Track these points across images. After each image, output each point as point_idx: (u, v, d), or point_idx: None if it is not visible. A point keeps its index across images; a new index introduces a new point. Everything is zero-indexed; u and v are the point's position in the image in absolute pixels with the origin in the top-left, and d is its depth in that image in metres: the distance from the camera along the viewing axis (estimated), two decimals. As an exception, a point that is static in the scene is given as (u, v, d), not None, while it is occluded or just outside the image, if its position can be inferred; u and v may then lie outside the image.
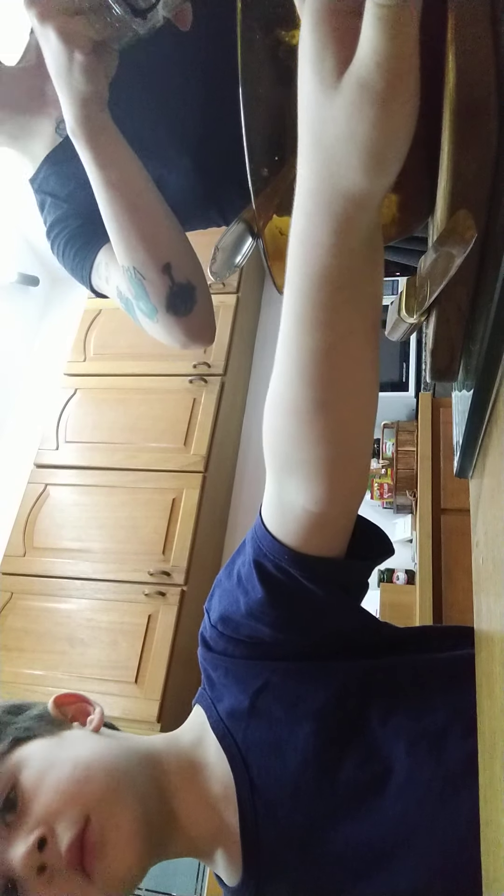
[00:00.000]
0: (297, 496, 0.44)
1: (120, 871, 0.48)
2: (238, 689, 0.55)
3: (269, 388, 0.40)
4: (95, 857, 0.46)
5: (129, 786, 0.51)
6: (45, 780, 0.49)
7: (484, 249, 0.36)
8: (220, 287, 2.36)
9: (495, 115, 0.33)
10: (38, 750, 0.52)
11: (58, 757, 0.52)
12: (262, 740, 0.53)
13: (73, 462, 2.18)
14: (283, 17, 0.38)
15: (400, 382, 2.08)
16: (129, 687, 1.75)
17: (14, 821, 0.47)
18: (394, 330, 0.46)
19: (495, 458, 0.39)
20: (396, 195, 0.43)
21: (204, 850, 0.55)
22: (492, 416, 0.39)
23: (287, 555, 0.48)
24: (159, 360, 2.30)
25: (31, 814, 0.47)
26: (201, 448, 2.10)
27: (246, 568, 0.51)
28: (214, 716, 0.56)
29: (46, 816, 0.47)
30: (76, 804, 0.48)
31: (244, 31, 0.37)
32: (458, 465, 0.50)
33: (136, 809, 0.50)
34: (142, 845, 0.49)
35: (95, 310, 2.47)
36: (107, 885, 0.47)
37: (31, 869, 0.45)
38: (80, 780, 0.49)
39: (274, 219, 0.40)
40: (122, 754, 0.54)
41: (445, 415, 1.89)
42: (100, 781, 0.50)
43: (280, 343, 0.38)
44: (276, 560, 0.48)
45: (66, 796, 0.48)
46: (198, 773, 0.55)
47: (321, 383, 0.38)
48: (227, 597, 0.54)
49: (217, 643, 0.56)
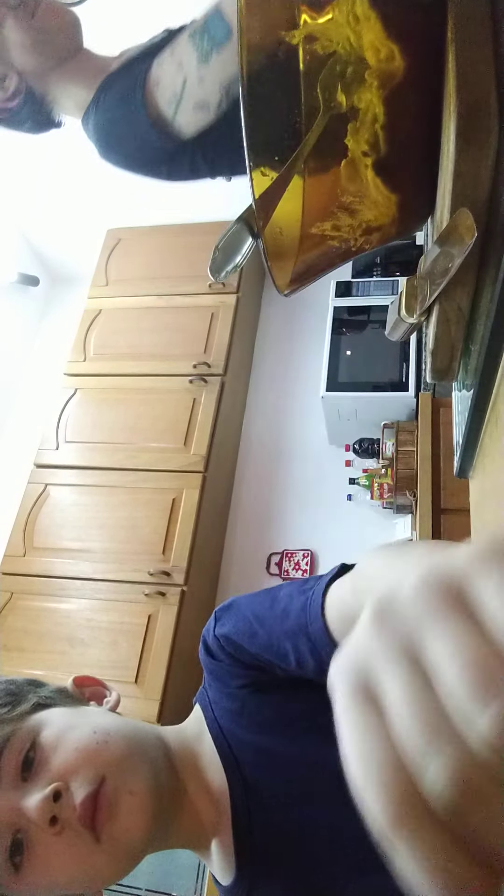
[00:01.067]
0: None
1: (128, 837, 0.48)
2: (231, 691, 0.57)
3: None
4: (108, 818, 0.47)
5: (144, 757, 0.52)
6: (65, 739, 0.50)
7: (484, 249, 0.36)
8: (220, 287, 2.37)
9: (495, 115, 0.33)
10: (59, 714, 0.54)
11: (78, 722, 0.53)
12: (253, 742, 0.54)
13: (73, 462, 2.18)
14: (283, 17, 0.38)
15: (400, 382, 2.08)
16: (130, 687, 1.75)
17: (30, 776, 0.48)
18: (394, 330, 0.46)
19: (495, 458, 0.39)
20: (396, 195, 0.43)
21: (202, 842, 0.56)
22: (492, 416, 0.39)
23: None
24: (159, 360, 2.30)
25: (48, 769, 0.48)
26: (201, 448, 2.09)
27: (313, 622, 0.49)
28: (210, 716, 0.57)
29: (63, 773, 0.48)
30: (93, 764, 0.49)
31: (244, 32, 0.37)
32: (458, 465, 0.50)
33: (150, 779, 0.50)
34: (152, 816, 0.50)
35: (95, 310, 2.47)
36: (113, 848, 0.48)
37: (44, 817, 0.45)
38: (100, 743, 0.50)
39: (274, 218, 0.40)
40: (139, 729, 0.56)
41: (445, 415, 1.89)
42: (118, 746, 0.51)
43: None
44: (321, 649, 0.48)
45: (85, 755, 0.49)
46: (199, 763, 0.56)
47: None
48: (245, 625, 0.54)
49: (217, 653, 0.57)
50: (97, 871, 0.48)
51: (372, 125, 0.39)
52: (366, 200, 0.42)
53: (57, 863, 0.47)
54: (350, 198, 0.42)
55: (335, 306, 2.26)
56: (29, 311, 2.93)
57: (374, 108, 0.38)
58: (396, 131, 0.40)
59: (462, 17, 0.34)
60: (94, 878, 0.49)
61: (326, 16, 0.37)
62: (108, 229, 2.68)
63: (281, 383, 2.60)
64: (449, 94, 0.35)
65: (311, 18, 0.37)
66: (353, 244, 0.45)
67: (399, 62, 0.38)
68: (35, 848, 0.47)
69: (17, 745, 0.49)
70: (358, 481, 2.17)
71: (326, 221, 0.43)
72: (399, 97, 0.39)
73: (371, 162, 0.40)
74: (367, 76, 0.38)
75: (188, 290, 2.42)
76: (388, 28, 0.37)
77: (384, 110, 0.38)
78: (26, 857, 0.47)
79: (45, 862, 0.46)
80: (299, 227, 0.43)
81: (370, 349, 2.16)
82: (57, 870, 0.47)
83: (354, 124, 0.39)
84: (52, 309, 3.01)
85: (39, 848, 0.46)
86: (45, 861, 0.46)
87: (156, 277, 2.50)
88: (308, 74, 0.38)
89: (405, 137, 0.41)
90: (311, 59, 0.38)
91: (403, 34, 0.38)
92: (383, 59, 0.37)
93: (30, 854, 0.47)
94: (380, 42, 0.37)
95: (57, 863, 0.47)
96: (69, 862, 0.47)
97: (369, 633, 0.19)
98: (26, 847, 0.47)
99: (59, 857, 0.46)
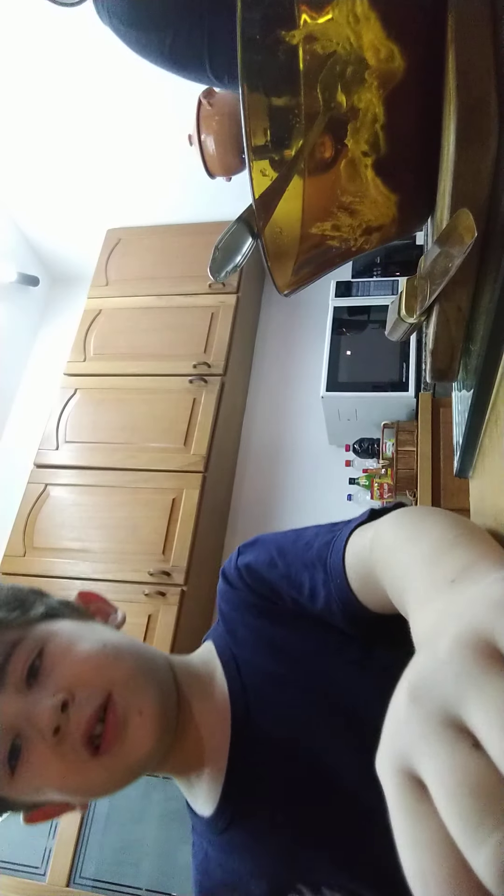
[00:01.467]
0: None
1: (130, 757, 0.48)
2: (245, 619, 0.58)
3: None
4: (115, 736, 0.46)
5: (153, 677, 0.51)
6: (73, 651, 0.49)
7: (484, 249, 0.36)
8: (220, 287, 2.36)
9: (495, 115, 0.33)
10: (68, 626, 0.52)
11: (87, 635, 0.52)
12: (263, 667, 0.55)
13: (73, 462, 2.18)
14: (283, 16, 0.38)
15: (400, 382, 2.08)
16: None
17: (35, 683, 0.47)
18: (394, 330, 0.46)
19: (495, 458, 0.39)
20: (396, 195, 0.43)
21: (193, 769, 0.55)
22: (492, 416, 0.39)
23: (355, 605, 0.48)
24: (159, 360, 2.30)
25: (55, 680, 0.47)
26: (201, 448, 2.09)
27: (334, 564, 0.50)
28: (222, 644, 0.58)
29: (70, 683, 0.47)
30: (102, 678, 0.48)
31: (244, 31, 0.37)
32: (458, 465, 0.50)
33: (158, 701, 0.50)
34: (158, 738, 0.49)
35: (95, 310, 2.47)
36: (112, 765, 0.47)
37: (50, 726, 0.45)
38: (110, 657, 0.50)
39: (274, 218, 0.40)
40: (148, 650, 0.55)
41: (445, 415, 1.89)
42: (128, 663, 0.50)
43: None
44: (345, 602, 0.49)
45: (94, 668, 0.48)
46: (205, 689, 0.56)
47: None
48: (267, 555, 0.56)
49: (235, 581, 0.58)
50: (90, 783, 0.47)
51: (372, 125, 0.39)
52: (366, 200, 0.42)
53: (50, 771, 0.46)
54: (350, 198, 0.42)
55: (335, 306, 2.26)
56: (29, 311, 2.93)
57: (374, 108, 0.38)
58: (396, 131, 0.40)
59: (462, 17, 0.34)
60: (86, 790, 0.48)
61: (326, 16, 0.37)
62: (108, 229, 2.68)
63: (281, 383, 2.60)
64: (449, 94, 0.35)
65: (311, 18, 0.37)
66: (353, 244, 0.45)
67: (399, 62, 0.38)
68: (31, 754, 0.46)
69: (25, 651, 0.48)
70: (358, 481, 2.17)
71: (326, 221, 0.43)
72: (399, 97, 0.39)
73: (371, 162, 0.40)
74: (367, 76, 0.38)
75: (188, 290, 2.42)
76: (388, 28, 0.37)
77: (384, 110, 0.38)
78: (22, 761, 0.46)
79: (39, 769, 0.46)
80: (299, 227, 0.43)
81: (370, 349, 2.16)
82: (49, 778, 0.46)
83: (354, 124, 0.39)
84: (52, 309, 3.00)
85: (35, 755, 0.46)
86: (39, 768, 0.46)
87: (156, 277, 2.50)
88: (308, 74, 0.38)
89: (405, 137, 0.41)
90: (311, 59, 0.38)
91: (403, 34, 0.38)
92: (383, 59, 0.37)
93: (26, 759, 0.46)
94: (380, 42, 0.37)
95: (50, 771, 0.46)
96: (63, 772, 0.46)
97: (407, 717, 0.18)
98: (23, 753, 0.46)
99: (53, 766, 0.46)
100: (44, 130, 2.36)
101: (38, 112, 2.29)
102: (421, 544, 0.34)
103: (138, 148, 2.38)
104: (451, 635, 0.18)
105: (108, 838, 1.67)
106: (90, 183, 2.54)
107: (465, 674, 0.16)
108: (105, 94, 2.19)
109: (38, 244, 2.89)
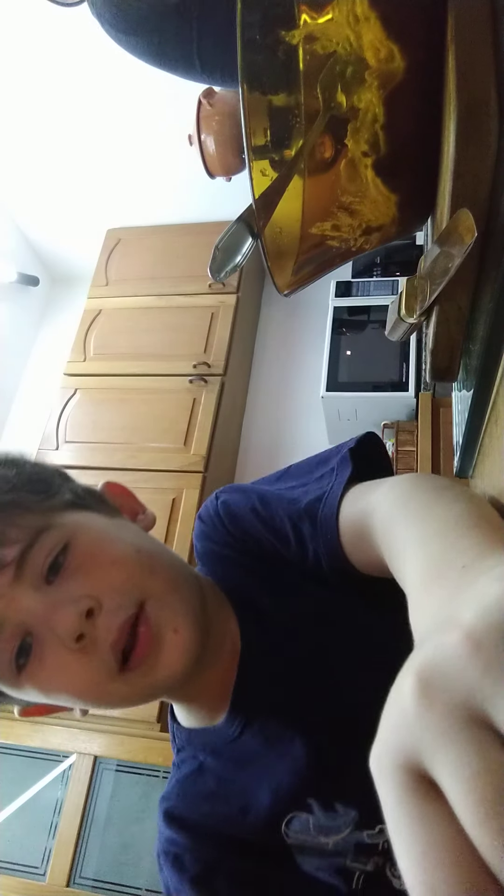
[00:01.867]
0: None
1: (160, 676, 0.43)
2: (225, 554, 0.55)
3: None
4: (148, 651, 0.42)
5: (189, 593, 0.47)
6: (104, 551, 0.44)
7: (484, 249, 0.36)
8: (220, 287, 2.36)
9: (495, 115, 0.33)
10: (97, 521, 0.47)
11: (119, 536, 0.47)
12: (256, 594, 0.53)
13: (73, 462, 2.18)
14: (283, 16, 0.38)
15: (400, 382, 2.08)
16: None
17: (56, 580, 0.42)
18: (394, 330, 0.46)
19: (495, 458, 0.39)
20: (396, 195, 0.43)
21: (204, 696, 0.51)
22: (492, 416, 0.39)
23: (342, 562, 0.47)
24: (159, 360, 2.30)
25: (81, 582, 0.42)
26: (201, 448, 2.09)
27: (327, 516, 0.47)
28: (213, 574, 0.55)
29: (99, 590, 0.42)
30: (136, 587, 0.43)
31: (244, 31, 0.37)
32: (458, 465, 0.50)
33: (193, 620, 0.45)
34: (191, 660, 0.45)
35: (95, 310, 2.47)
36: (138, 683, 0.43)
37: (72, 634, 0.40)
38: (144, 565, 0.45)
39: (274, 218, 0.40)
40: (182, 563, 0.50)
41: (445, 415, 1.89)
42: (164, 574, 0.46)
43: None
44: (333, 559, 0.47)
45: (126, 574, 0.43)
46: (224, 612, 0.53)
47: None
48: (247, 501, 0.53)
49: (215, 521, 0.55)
50: (109, 696, 0.43)
51: (372, 125, 0.39)
52: (366, 200, 0.42)
53: (69, 678, 0.42)
54: (350, 198, 0.42)
55: (335, 306, 2.26)
56: (29, 311, 2.93)
57: (374, 108, 0.38)
58: (396, 131, 0.40)
59: (462, 17, 0.34)
60: (102, 701, 0.44)
61: (326, 16, 0.37)
62: (108, 229, 2.68)
63: (281, 383, 2.60)
64: (449, 94, 0.35)
65: (311, 18, 0.37)
66: (353, 244, 0.45)
67: (399, 62, 0.38)
68: (45, 658, 0.41)
69: (49, 543, 0.43)
70: (358, 481, 2.17)
71: (326, 221, 0.43)
72: (399, 97, 0.39)
73: (371, 162, 0.40)
74: (367, 76, 0.38)
75: (188, 290, 2.42)
76: (388, 28, 0.37)
77: (384, 110, 0.38)
78: (33, 661, 0.41)
79: (55, 673, 0.42)
80: (299, 227, 0.43)
81: (370, 349, 2.16)
82: (66, 684, 0.42)
83: (354, 124, 0.39)
84: (52, 309, 3.00)
85: (51, 658, 0.41)
86: (55, 672, 0.42)
87: (156, 277, 2.50)
88: (308, 74, 0.38)
89: (405, 137, 0.41)
90: (311, 59, 0.38)
91: (403, 34, 0.38)
92: (383, 59, 0.37)
93: (38, 662, 0.41)
94: (380, 42, 0.37)
95: (69, 678, 0.42)
96: (81, 682, 0.42)
97: (418, 711, 0.16)
98: (35, 653, 0.41)
99: (73, 673, 0.41)
100: (44, 130, 2.36)
101: (38, 112, 2.29)
102: (433, 521, 0.32)
103: (138, 148, 2.38)
104: (471, 627, 0.16)
105: (108, 838, 1.67)
106: (90, 183, 2.54)
107: (496, 668, 0.15)
108: (105, 93, 2.19)
109: (38, 244, 2.89)
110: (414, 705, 0.16)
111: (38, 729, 1.83)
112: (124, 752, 1.75)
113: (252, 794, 0.48)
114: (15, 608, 0.41)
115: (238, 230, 0.44)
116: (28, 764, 1.82)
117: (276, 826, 0.46)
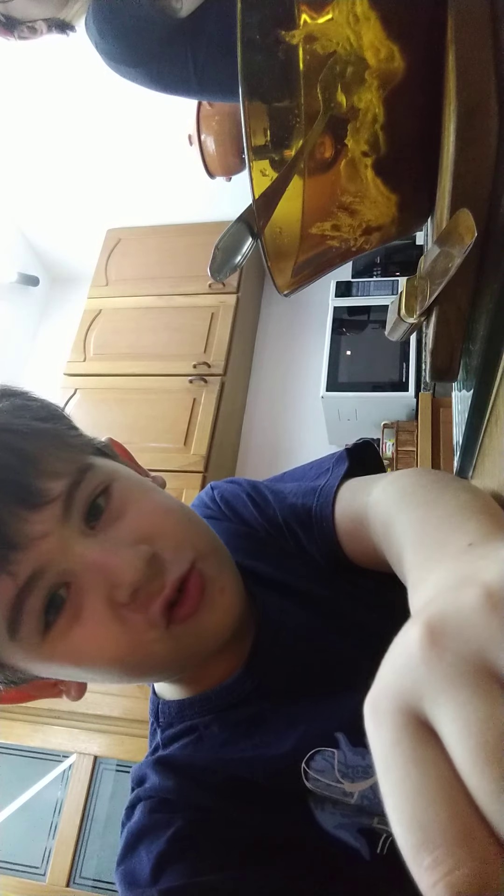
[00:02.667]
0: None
1: (208, 628, 0.40)
2: (224, 527, 0.54)
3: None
4: (197, 604, 0.38)
5: (227, 554, 0.45)
6: (148, 499, 0.40)
7: (484, 249, 0.36)
8: (220, 287, 2.37)
9: (495, 115, 0.33)
10: (127, 471, 0.42)
11: (155, 488, 0.43)
12: (260, 567, 0.51)
13: (73, 462, 2.18)
14: (283, 16, 0.38)
15: (400, 382, 2.08)
16: (130, 686, 1.75)
17: (98, 527, 0.38)
18: (394, 330, 0.46)
19: (495, 458, 0.39)
20: (396, 195, 0.43)
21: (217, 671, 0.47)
22: (492, 416, 0.39)
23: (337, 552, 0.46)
24: (159, 360, 2.30)
25: (131, 526, 0.38)
26: (201, 448, 2.09)
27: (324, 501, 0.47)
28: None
29: (152, 535, 0.38)
30: (188, 540, 0.40)
31: (244, 31, 0.37)
32: (458, 465, 0.50)
33: (237, 584, 0.43)
34: (235, 620, 0.42)
35: (95, 310, 2.47)
36: (184, 636, 0.39)
37: (133, 581, 0.35)
38: (192, 520, 0.42)
39: (274, 218, 0.40)
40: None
41: (445, 415, 1.89)
42: (207, 532, 0.43)
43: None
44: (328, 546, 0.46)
45: (177, 524, 0.40)
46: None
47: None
48: (242, 492, 0.53)
49: (212, 506, 0.54)
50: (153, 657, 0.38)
51: (372, 125, 0.39)
52: (366, 200, 0.42)
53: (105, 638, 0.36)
54: (350, 198, 0.42)
55: (335, 306, 2.26)
56: (29, 311, 2.93)
57: (374, 108, 0.38)
58: (396, 131, 0.40)
59: (462, 17, 0.34)
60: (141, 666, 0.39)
61: (326, 16, 0.37)
62: (108, 229, 2.68)
63: (281, 383, 2.60)
64: (449, 94, 0.35)
65: (311, 18, 0.37)
66: (353, 244, 0.45)
67: (399, 62, 0.38)
68: (83, 612, 0.36)
69: (91, 483, 0.38)
70: (358, 481, 2.17)
71: (326, 221, 0.43)
72: (399, 97, 0.39)
73: (371, 162, 0.40)
74: (367, 76, 0.38)
75: (188, 290, 2.42)
76: (388, 28, 0.37)
77: (384, 110, 0.39)
78: (64, 618, 0.36)
79: (90, 633, 0.36)
80: (299, 227, 0.43)
81: (370, 349, 2.16)
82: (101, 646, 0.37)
83: (354, 124, 0.39)
84: (52, 309, 3.00)
85: (90, 615, 0.36)
86: (90, 632, 0.36)
87: (156, 277, 2.50)
88: (308, 74, 0.38)
89: (405, 137, 0.41)
90: (311, 59, 0.38)
91: (403, 34, 0.38)
92: (383, 59, 0.37)
93: (73, 618, 0.36)
94: (380, 42, 0.37)
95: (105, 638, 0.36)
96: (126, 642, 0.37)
97: (426, 657, 0.16)
98: (67, 609, 0.36)
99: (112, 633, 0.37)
100: (44, 131, 2.36)
101: (38, 112, 2.29)
102: (435, 508, 0.31)
103: (138, 148, 2.38)
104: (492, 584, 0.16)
105: (108, 838, 1.67)
106: (90, 183, 2.54)
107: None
108: (105, 94, 2.19)
109: (38, 244, 2.89)
110: (422, 651, 0.16)
111: (38, 729, 1.83)
112: (124, 752, 1.75)
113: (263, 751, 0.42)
114: (64, 551, 0.35)
115: (238, 230, 0.44)
116: (28, 764, 1.82)
117: (296, 765, 0.40)
